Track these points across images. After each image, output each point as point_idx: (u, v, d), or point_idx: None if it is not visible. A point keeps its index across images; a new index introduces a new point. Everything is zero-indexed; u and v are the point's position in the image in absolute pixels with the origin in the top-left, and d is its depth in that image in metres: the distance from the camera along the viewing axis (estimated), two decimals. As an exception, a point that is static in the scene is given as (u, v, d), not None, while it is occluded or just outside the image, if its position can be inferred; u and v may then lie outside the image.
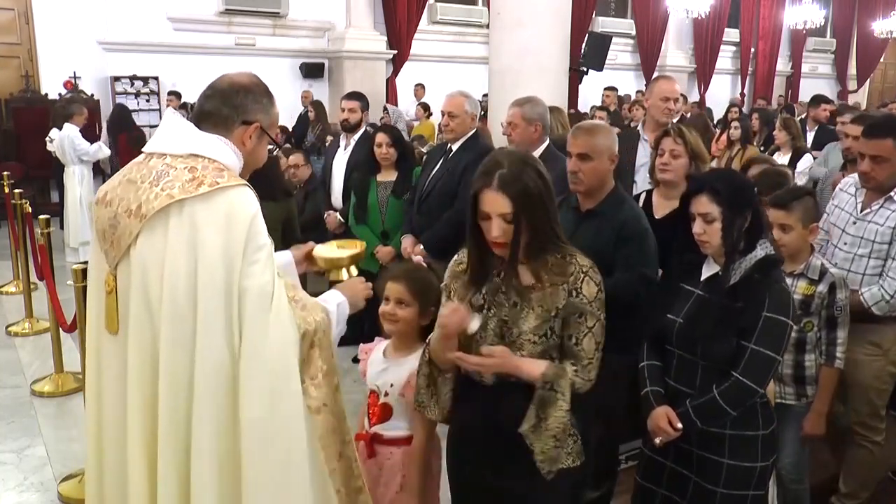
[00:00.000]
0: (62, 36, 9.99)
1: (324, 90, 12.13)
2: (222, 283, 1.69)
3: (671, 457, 2.26)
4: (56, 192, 9.03)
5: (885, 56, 19.10)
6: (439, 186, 3.90)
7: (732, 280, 2.12)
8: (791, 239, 2.62)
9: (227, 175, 1.76)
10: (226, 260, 1.69)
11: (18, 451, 3.69)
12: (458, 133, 3.94)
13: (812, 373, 2.68)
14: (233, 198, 1.73)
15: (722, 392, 2.09)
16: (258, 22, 11.54)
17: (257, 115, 1.85)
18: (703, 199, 2.13)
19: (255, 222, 1.73)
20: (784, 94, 17.34)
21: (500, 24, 6.10)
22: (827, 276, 2.63)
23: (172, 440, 1.72)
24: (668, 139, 3.09)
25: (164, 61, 10.70)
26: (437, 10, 13.10)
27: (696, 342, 2.16)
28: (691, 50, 16.29)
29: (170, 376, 1.72)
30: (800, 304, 2.60)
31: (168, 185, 1.72)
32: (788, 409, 2.70)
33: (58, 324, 4.24)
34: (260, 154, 1.93)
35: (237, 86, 1.85)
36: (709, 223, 2.13)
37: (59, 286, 4.49)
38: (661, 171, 3.09)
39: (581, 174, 2.69)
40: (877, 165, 2.75)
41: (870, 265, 2.79)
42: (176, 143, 1.80)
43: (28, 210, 5.69)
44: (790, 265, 2.62)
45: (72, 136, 7.27)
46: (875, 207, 2.81)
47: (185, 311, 1.70)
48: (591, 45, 11.68)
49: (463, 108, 3.93)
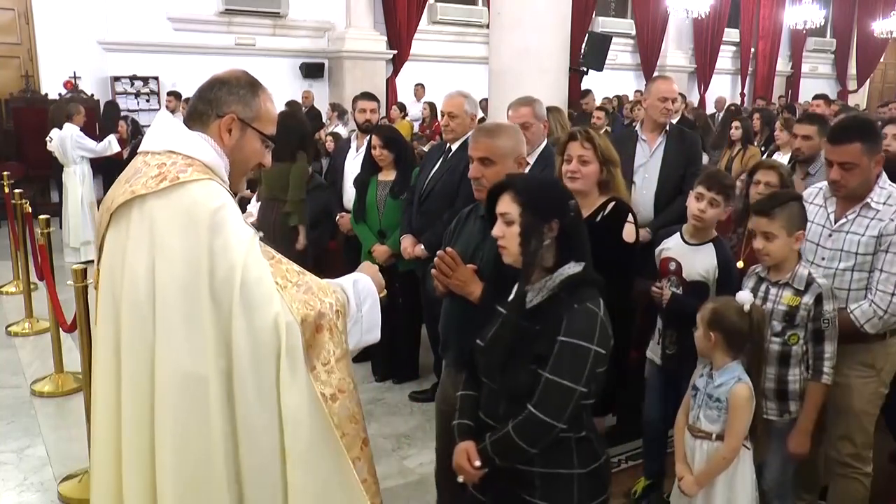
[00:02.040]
0: (62, 36, 9.99)
1: (324, 90, 12.13)
2: (183, 284, 1.62)
3: (490, 496, 2.04)
4: (56, 192, 9.02)
5: (885, 56, 19.09)
6: (440, 186, 3.90)
7: (536, 300, 1.93)
8: (775, 248, 2.50)
9: (192, 170, 1.70)
10: (187, 258, 1.63)
11: (18, 451, 3.69)
12: (458, 133, 3.95)
13: (796, 388, 2.55)
14: (194, 192, 1.67)
15: (516, 426, 1.88)
16: (258, 22, 11.53)
17: (232, 107, 1.78)
18: (506, 198, 1.96)
19: (220, 215, 1.66)
20: (784, 94, 17.33)
21: (500, 24, 6.09)
22: (813, 286, 2.49)
23: (136, 450, 1.69)
24: (574, 144, 2.79)
25: (164, 61, 10.70)
26: (437, 10, 13.09)
27: (494, 369, 1.97)
28: (691, 50, 16.28)
29: (131, 383, 1.68)
30: (784, 315, 2.52)
31: (135, 181, 1.70)
32: (770, 425, 2.60)
33: (58, 324, 4.24)
34: (248, 151, 1.84)
35: (214, 80, 1.83)
36: (507, 224, 1.94)
37: (59, 286, 4.49)
38: (569, 180, 2.77)
39: (484, 180, 2.43)
40: (846, 172, 2.55)
41: (854, 279, 2.60)
42: (157, 141, 1.79)
43: (28, 210, 5.69)
44: (775, 275, 2.55)
45: (74, 135, 7.27)
46: (851, 217, 2.61)
47: (145, 314, 1.65)
48: (591, 45, 11.67)
49: (463, 108, 3.94)
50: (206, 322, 1.63)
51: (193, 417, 1.64)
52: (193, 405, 1.64)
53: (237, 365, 1.64)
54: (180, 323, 1.63)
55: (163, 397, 1.65)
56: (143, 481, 1.70)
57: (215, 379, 1.64)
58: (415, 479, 3.34)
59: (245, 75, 1.85)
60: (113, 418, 1.73)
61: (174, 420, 1.64)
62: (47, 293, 4.52)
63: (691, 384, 2.56)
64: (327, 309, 1.76)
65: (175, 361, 1.63)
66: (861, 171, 2.53)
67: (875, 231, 2.56)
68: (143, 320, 1.66)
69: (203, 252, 1.63)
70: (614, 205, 2.76)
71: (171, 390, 1.64)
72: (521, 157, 2.52)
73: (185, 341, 1.63)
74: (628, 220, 2.74)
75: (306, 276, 1.80)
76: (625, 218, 2.74)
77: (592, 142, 2.77)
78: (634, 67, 15.47)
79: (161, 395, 1.65)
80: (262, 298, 1.66)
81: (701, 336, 2.46)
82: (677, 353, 2.90)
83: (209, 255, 1.63)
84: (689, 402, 2.56)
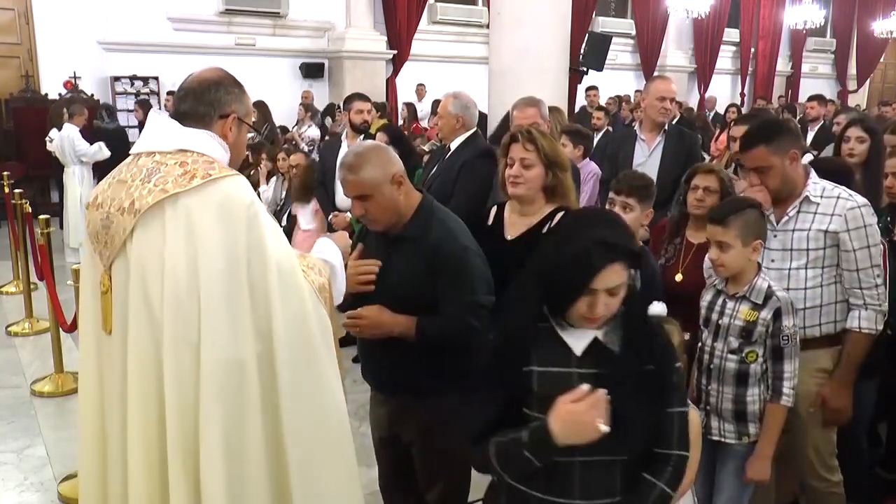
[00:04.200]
0: (62, 36, 9.99)
1: (324, 90, 12.12)
2: (226, 275, 1.69)
3: None
4: (56, 192, 9.03)
5: (885, 56, 19.08)
6: (436, 185, 3.91)
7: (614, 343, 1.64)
8: (730, 258, 2.34)
9: (218, 167, 1.78)
10: (226, 250, 1.70)
11: (18, 451, 3.69)
12: (445, 133, 3.98)
13: (755, 409, 2.37)
14: (226, 188, 1.75)
15: (668, 479, 1.63)
16: (258, 22, 11.53)
17: (232, 106, 1.88)
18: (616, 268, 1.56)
19: (254, 209, 1.75)
20: (784, 94, 17.33)
21: (500, 24, 6.10)
22: (772, 300, 2.33)
23: (181, 441, 1.71)
24: (516, 146, 2.57)
25: (164, 61, 10.69)
26: (437, 10, 13.09)
27: (625, 436, 1.57)
28: (691, 50, 16.28)
29: (175, 375, 1.71)
30: (741, 331, 2.35)
31: (161, 181, 1.73)
32: (728, 448, 2.43)
33: (58, 324, 4.24)
34: (242, 143, 1.96)
35: (207, 82, 1.88)
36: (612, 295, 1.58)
37: (59, 286, 4.50)
38: (511, 185, 2.57)
39: (370, 215, 2.28)
40: (763, 176, 2.50)
41: (809, 276, 2.50)
42: (164, 141, 1.83)
43: (28, 210, 5.69)
44: (733, 287, 2.41)
45: (72, 136, 7.28)
46: (792, 213, 2.53)
47: (188, 307, 1.69)
48: (591, 45, 11.66)
49: (447, 109, 3.94)
50: (246, 310, 1.72)
51: (238, 401, 1.72)
52: (238, 389, 1.72)
53: (278, 350, 1.75)
54: (225, 312, 1.70)
55: (209, 385, 1.69)
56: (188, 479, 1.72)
57: (253, 363, 1.73)
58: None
59: (227, 74, 1.94)
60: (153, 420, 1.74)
61: (223, 405, 1.70)
62: (47, 293, 4.52)
63: None
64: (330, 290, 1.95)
65: (221, 348, 1.70)
66: (775, 171, 2.48)
67: (822, 225, 2.48)
68: (188, 313, 1.69)
69: (241, 244, 1.72)
70: (563, 214, 2.53)
71: (216, 377, 1.70)
72: (397, 175, 2.26)
73: (228, 329, 1.70)
74: None
75: (309, 259, 1.97)
76: None
77: (535, 143, 2.54)
78: (634, 67, 15.46)
79: (207, 383, 1.69)
80: (297, 288, 1.80)
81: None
82: None
83: (246, 247, 1.72)
84: None
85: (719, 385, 2.40)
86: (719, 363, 2.40)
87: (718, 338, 2.41)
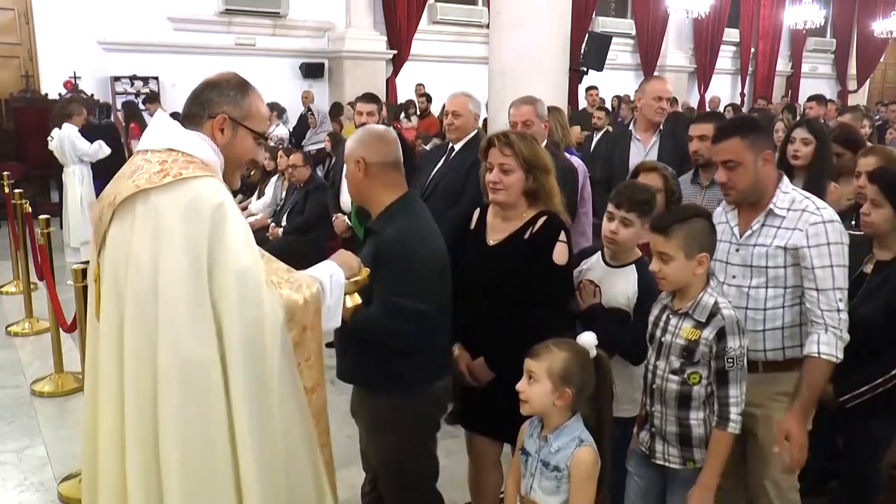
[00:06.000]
0: (62, 36, 9.99)
1: (324, 90, 12.13)
2: (188, 273, 1.70)
3: None
4: (56, 192, 9.03)
5: (885, 56, 19.08)
6: (442, 185, 3.91)
7: None
8: (672, 271, 2.16)
9: (194, 167, 1.79)
10: (190, 247, 1.71)
11: (18, 451, 3.69)
12: (462, 132, 3.96)
13: (700, 433, 2.19)
14: (197, 187, 1.76)
15: None
16: (258, 22, 11.53)
17: (223, 107, 1.88)
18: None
19: (221, 210, 1.75)
20: (784, 94, 17.33)
21: (500, 24, 6.09)
22: (716, 318, 2.12)
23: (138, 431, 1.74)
24: (493, 150, 2.50)
25: (164, 61, 10.70)
26: (437, 10, 13.09)
27: None
28: (691, 50, 16.28)
29: (134, 373, 1.73)
30: (682, 350, 2.17)
31: (138, 177, 1.78)
32: (675, 474, 2.26)
33: (58, 324, 4.24)
34: (241, 148, 1.93)
35: (206, 83, 1.92)
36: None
37: (59, 286, 4.50)
38: (492, 191, 2.51)
39: None
40: (731, 172, 2.32)
41: (769, 296, 2.33)
42: (156, 139, 1.88)
43: (28, 210, 5.70)
44: (678, 302, 2.22)
45: (71, 136, 7.28)
46: (756, 227, 2.35)
47: (148, 302, 1.72)
48: (591, 45, 11.67)
49: (466, 107, 3.95)
50: (206, 309, 1.71)
51: (197, 401, 1.71)
52: (197, 389, 1.71)
53: (230, 355, 1.73)
54: (184, 309, 1.70)
55: (166, 383, 1.70)
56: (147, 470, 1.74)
57: (215, 364, 1.72)
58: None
59: (235, 77, 1.95)
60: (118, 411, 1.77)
61: (179, 405, 1.70)
62: (47, 293, 4.52)
63: (519, 446, 2.16)
64: (311, 307, 1.87)
65: (177, 347, 1.70)
66: (745, 169, 2.31)
67: (783, 241, 2.28)
68: (147, 308, 1.71)
69: (203, 244, 1.72)
70: (545, 220, 2.50)
71: (174, 376, 1.70)
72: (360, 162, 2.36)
73: (187, 326, 1.70)
74: (560, 239, 2.47)
75: (294, 274, 1.91)
76: (556, 236, 2.47)
77: (512, 147, 2.47)
78: (634, 67, 15.46)
79: (164, 381, 1.70)
80: (256, 298, 1.76)
81: (547, 392, 1.99)
82: None
83: (208, 247, 1.72)
84: (518, 468, 2.16)
85: (663, 406, 2.23)
86: (661, 383, 2.23)
87: (661, 356, 2.24)
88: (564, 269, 2.48)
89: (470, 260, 2.57)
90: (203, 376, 1.71)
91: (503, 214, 2.57)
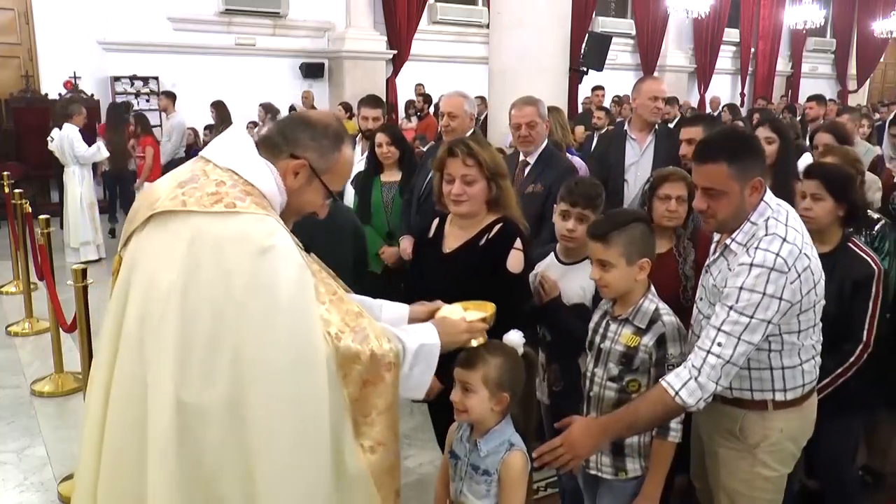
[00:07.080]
0: (62, 36, 9.99)
1: (324, 90, 12.14)
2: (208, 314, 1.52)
3: None
4: (56, 192, 9.03)
5: (885, 56, 19.11)
6: (443, 184, 3.90)
7: None
8: (613, 278, 2.10)
9: (250, 200, 1.61)
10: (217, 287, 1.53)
11: (18, 451, 3.69)
12: (458, 133, 3.95)
13: (633, 442, 2.12)
14: (246, 224, 1.57)
15: None
16: (258, 22, 11.53)
17: (308, 153, 1.70)
18: None
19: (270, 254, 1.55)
20: (784, 94, 17.34)
21: (500, 24, 6.11)
22: (657, 325, 2.08)
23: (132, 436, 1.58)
24: (454, 162, 2.38)
25: (164, 61, 10.70)
26: (437, 10, 13.10)
27: None
28: (691, 50, 16.29)
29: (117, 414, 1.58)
30: (621, 356, 2.12)
31: (189, 192, 1.62)
32: (606, 483, 2.20)
33: (58, 324, 4.24)
34: (308, 199, 1.75)
35: (301, 118, 1.78)
36: None
37: (59, 286, 4.50)
38: (454, 205, 2.41)
39: None
40: (712, 200, 1.99)
41: None
42: (222, 154, 1.70)
43: (28, 210, 5.69)
44: (618, 308, 2.18)
45: (71, 136, 7.28)
46: (713, 256, 2.14)
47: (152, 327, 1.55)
48: (591, 45, 11.68)
49: (462, 108, 3.94)
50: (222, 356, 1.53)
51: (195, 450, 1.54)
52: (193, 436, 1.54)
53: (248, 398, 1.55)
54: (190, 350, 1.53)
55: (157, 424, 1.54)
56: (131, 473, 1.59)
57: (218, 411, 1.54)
58: (414, 479, 3.34)
59: (335, 125, 1.77)
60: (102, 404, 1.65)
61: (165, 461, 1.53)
62: (47, 293, 4.52)
63: (448, 449, 2.12)
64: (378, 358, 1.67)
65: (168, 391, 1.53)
66: (729, 200, 1.97)
67: (723, 281, 2.01)
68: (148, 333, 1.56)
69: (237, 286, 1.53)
70: (501, 227, 2.42)
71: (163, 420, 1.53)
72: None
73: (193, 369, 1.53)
74: (515, 247, 2.39)
75: (363, 320, 1.69)
76: (511, 243, 2.39)
77: (476, 157, 2.37)
78: (634, 67, 15.47)
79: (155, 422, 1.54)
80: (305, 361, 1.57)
81: (485, 400, 1.93)
82: (565, 388, 2.56)
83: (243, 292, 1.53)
84: (446, 471, 2.12)
85: (598, 415, 2.15)
86: (599, 391, 2.17)
87: (599, 363, 2.19)
88: (518, 278, 2.41)
89: (426, 268, 2.56)
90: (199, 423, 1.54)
91: (460, 223, 2.50)
